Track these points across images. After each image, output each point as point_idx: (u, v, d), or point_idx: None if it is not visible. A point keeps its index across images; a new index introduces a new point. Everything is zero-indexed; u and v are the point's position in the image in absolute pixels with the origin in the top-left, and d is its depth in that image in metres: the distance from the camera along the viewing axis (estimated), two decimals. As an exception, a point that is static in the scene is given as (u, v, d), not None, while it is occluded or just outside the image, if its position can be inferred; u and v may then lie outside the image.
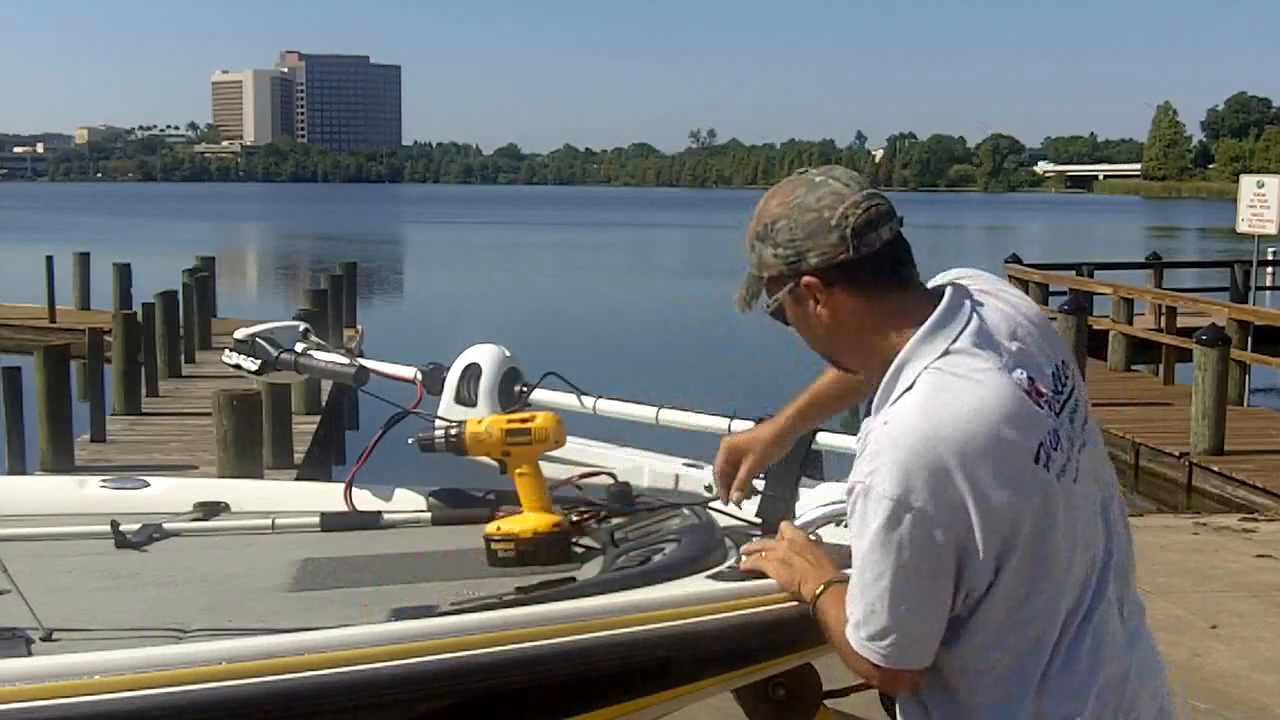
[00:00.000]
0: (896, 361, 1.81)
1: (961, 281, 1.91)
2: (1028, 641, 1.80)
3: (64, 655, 1.78)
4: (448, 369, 3.03)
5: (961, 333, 1.80)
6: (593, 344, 21.82)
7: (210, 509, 2.85)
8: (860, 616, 1.80)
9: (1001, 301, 1.89)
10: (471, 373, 2.99)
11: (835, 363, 2.00)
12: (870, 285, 1.83)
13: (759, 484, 2.50)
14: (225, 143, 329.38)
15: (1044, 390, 1.80)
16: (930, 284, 1.91)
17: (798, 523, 2.24)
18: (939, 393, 1.74)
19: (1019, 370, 1.79)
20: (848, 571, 1.99)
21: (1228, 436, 11.74)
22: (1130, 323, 16.96)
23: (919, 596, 1.76)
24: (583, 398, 3.02)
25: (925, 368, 1.78)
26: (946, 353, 1.78)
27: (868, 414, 1.89)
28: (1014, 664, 1.80)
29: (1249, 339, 14.66)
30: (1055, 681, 1.80)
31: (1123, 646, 1.87)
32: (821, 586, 1.97)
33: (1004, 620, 1.78)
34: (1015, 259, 20.91)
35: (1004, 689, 1.81)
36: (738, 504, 2.47)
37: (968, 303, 1.85)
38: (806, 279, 1.84)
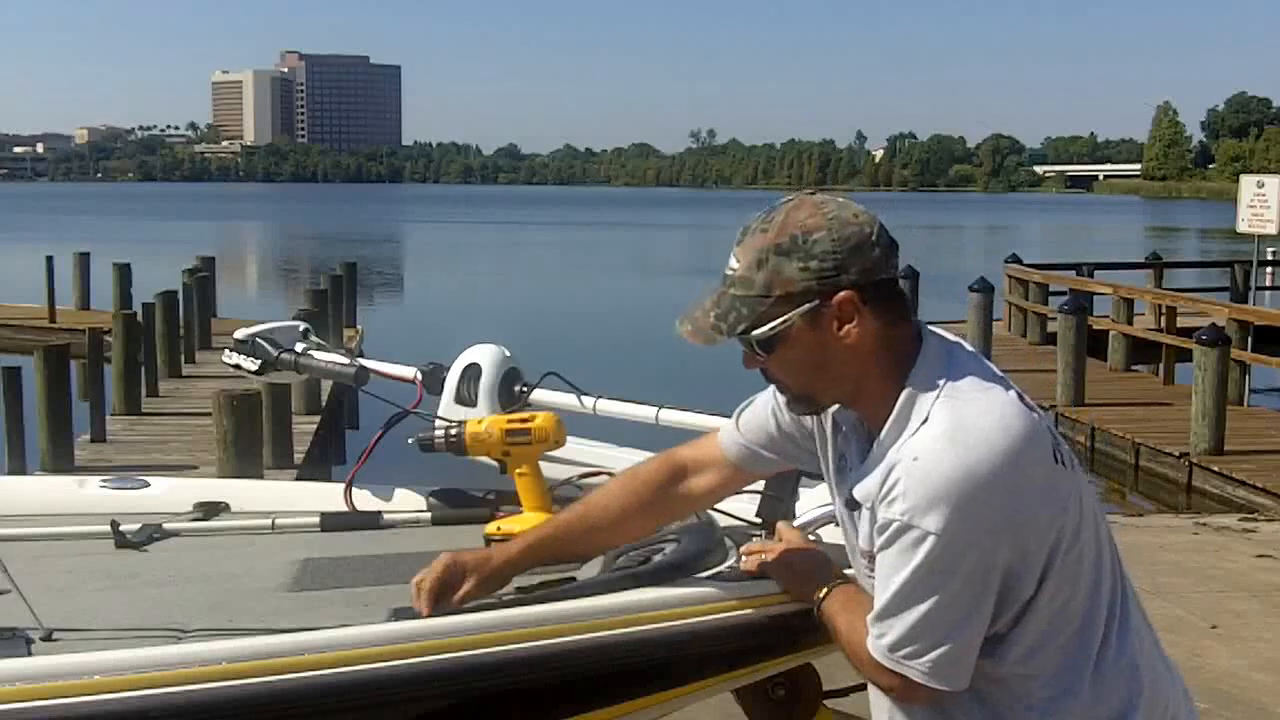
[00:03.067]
0: (905, 395, 1.78)
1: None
2: (1075, 637, 1.79)
3: (64, 655, 1.78)
4: (448, 369, 3.03)
5: (954, 362, 1.80)
6: (593, 344, 21.81)
7: (210, 509, 2.84)
8: (895, 639, 1.77)
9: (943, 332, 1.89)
10: (471, 373, 2.98)
11: (809, 400, 1.89)
12: (892, 310, 1.81)
13: (757, 484, 2.49)
14: (225, 143, 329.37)
15: (1025, 394, 1.82)
16: None
17: (797, 523, 2.23)
18: (961, 420, 1.73)
19: (1010, 388, 1.80)
20: (850, 572, 1.99)
21: (1228, 436, 11.73)
22: (1130, 323, 16.97)
23: (962, 619, 1.74)
24: (583, 398, 3.02)
25: (938, 397, 1.76)
26: (950, 380, 1.78)
27: (865, 437, 1.86)
28: (1064, 662, 1.79)
29: (1249, 339, 14.65)
30: (1111, 670, 1.80)
31: (1147, 626, 1.89)
32: (825, 590, 1.96)
33: (1050, 620, 1.78)
34: (1015, 259, 20.92)
35: (1057, 687, 1.80)
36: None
37: (945, 337, 1.86)
38: (845, 293, 1.76)
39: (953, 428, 1.72)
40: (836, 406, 1.90)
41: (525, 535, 2.16)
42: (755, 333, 1.80)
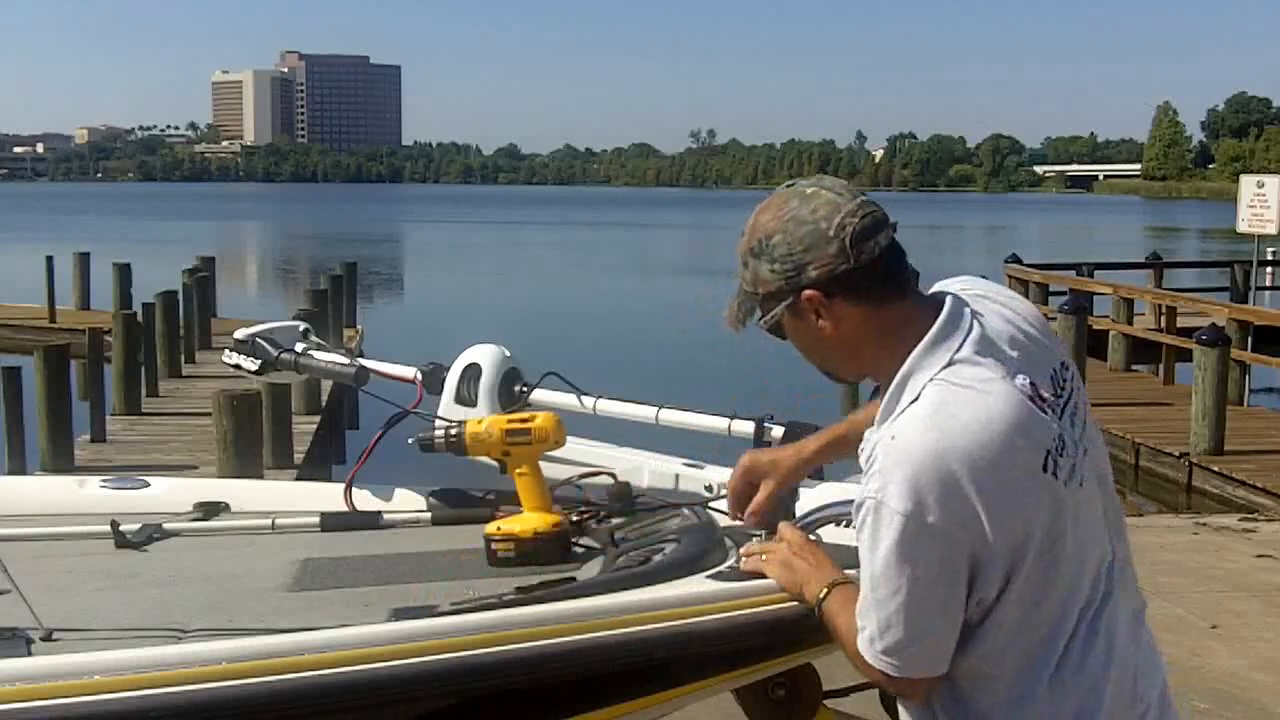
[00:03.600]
0: (901, 373, 1.80)
1: (960, 288, 1.90)
2: (1040, 644, 1.80)
3: (64, 655, 1.78)
4: (448, 369, 3.03)
5: (964, 342, 1.79)
6: (593, 344, 21.81)
7: (210, 509, 2.84)
8: (875, 631, 1.80)
9: (1000, 306, 1.88)
10: (471, 373, 2.98)
11: (834, 376, 1.97)
12: (872, 294, 1.81)
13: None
14: (225, 143, 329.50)
15: (1046, 395, 1.79)
16: (929, 292, 1.89)
17: (797, 523, 2.23)
18: (946, 405, 1.73)
19: (1021, 376, 1.78)
20: (850, 572, 1.99)
21: (1228, 436, 11.74)
22: (1130, 323, 16.97)
23: (933, 609, 1.76)
24: (583, 398, 3.01)
25: (930, 379, 1.76)
26: (951, 363, 1.77)
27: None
28: (1026, 665, 1.80)
29: (1249, 339, 14.65)
30: (1070, 680, 1.81)
31: (1130, 644, 1.88)
32: (825, 590, 1.96)
33: (1016, 624, 1.79)
34: (1015, 259, 20.91)
35: (1017, 690, 1.82)
36: (753, 528, 2.26)
37: (968, 310, 1.84)
38: (807, 292, 1.81)
39: (935, 412, 1.73)
40: None
41: (819, 434, 2.26)
42: (759, 324, 1.90)
